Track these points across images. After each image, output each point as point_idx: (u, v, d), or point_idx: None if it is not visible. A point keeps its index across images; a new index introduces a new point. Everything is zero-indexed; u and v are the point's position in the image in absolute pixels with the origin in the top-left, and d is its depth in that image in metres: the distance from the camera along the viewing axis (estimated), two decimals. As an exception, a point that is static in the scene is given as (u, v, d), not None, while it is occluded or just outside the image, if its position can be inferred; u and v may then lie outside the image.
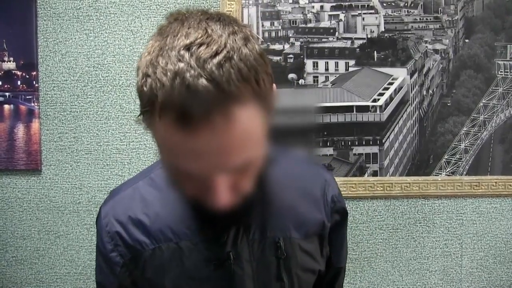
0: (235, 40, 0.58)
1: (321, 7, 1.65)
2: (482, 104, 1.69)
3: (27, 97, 1.62)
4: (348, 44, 1.65)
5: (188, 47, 0.56)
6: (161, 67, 0.56)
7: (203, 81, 0.54)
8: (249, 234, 0.76)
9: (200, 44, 0.57)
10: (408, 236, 1.70)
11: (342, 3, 1.65)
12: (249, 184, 0.66)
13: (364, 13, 1.65)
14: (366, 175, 1.67)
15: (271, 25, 1.64)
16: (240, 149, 0.59)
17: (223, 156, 0.58)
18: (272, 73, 0.64)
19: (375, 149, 1.67)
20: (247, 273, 0.75)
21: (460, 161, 1.69)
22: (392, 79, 1.66)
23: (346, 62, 1.65)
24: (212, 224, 0.74)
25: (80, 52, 1.62)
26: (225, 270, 0.74)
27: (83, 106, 1.63)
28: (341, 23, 1.65)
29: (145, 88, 0.58)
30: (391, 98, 1.66)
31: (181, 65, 0.55)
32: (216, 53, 0.56)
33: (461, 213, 1.70)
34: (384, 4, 1.66)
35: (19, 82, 1.62)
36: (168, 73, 0.55)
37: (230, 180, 0.62)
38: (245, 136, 0.59)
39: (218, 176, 0.60)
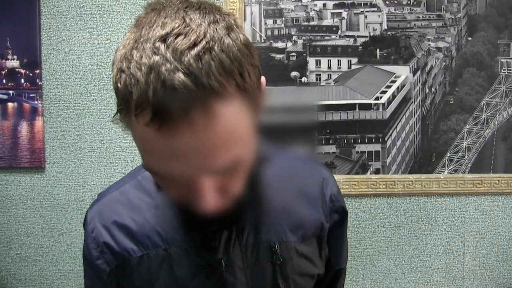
0: (216, 29, 0.53)
1: (324, 5, 1.65)
2: (484, 102, 1.69)
3: (31, 95, 1.63)
4: (350, 42, 1.65)
5: (164, 38, 0.51)
6: (135, 61, 0.51)
7: (180, 76, 0.49)
8: (242, 239, 0.71)
9: (177, 35, 0.51)
10: (411, 234, 1.70)
11: (344, 1, 1.65)
12: (239, 186, 0.61)
13: (367, 11, 1.65)
14: (368, 173, 1.67)
15: (273, 23, 1.64)
16: (225, 149, 0.53)
17: (206, 157, 0.53)
18: (259, 65, 0.58)
19: (377, 147, 1.67)
20: (241, 281, 0.70)
21: (462, 159, 1.69)
22: (395, 77, 1.66)
23: (348, 60, 1.65)
24: (203, 229, 0.69)
25: (83, 50, 1.62)
26: (217, 278, 0.69)
27: (86, 104, 1.63)
28: (343, 21, 1.65)
29: (119, 85, 0.52)
30: (393, 96, 1.66)
31: (156, 58, 0.50)
32: (195, 44, 0.51)
33: (463, 211, 1.70)
34: (387, 2, 1.65)
35: (22, 80, 1.63)
36: (143, 68, 0.50)
37: (217, 182, 0.57)
38: (230, 135, 0.53)
39: (202, 179, 0.55)
